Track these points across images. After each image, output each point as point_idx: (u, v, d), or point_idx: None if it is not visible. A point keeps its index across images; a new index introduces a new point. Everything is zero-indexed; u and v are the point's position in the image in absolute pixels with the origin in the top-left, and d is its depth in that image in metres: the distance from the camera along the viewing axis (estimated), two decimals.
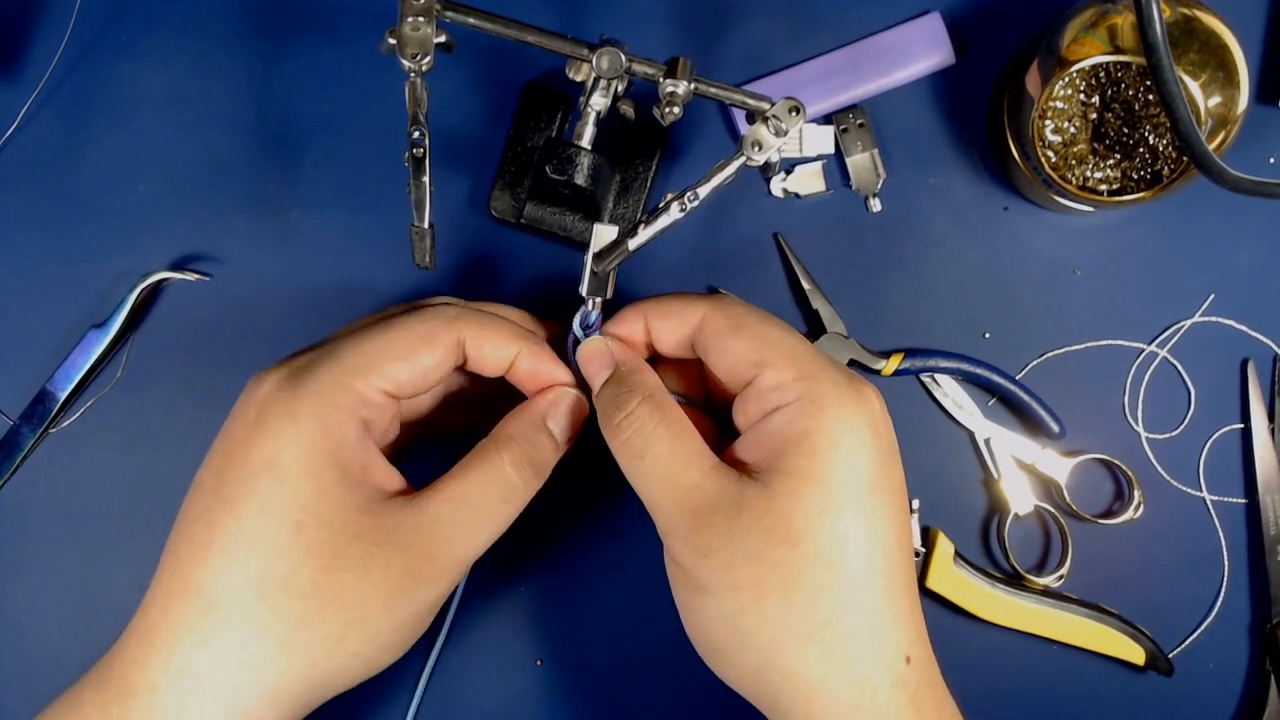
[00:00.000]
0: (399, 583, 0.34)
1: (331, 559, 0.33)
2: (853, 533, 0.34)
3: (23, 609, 0.48)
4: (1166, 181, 0.43)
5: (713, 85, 0.39)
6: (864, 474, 0.35)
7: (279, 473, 0.33)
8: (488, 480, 0.37)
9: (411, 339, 0.36)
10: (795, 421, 0.35)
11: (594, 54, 0.38)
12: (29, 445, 0.48)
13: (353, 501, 0.34)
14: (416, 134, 0.37)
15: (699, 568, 0.34)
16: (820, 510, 0.34)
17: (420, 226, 0.38)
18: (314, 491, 0.33)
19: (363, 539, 0.34)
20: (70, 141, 0.49)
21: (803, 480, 0.34)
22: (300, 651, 0.33)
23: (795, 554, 0.33)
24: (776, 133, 0.38)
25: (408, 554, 0.34)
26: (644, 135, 0.48)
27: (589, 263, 0.39)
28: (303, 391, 0.34)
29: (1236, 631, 0.48)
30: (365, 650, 0.35)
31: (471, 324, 0.38)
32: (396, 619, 0.35)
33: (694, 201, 0.37)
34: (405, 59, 0.36)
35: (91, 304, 0.48)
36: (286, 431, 0.34)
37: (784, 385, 0.35)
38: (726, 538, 0.34)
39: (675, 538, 0.35)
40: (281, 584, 0.33)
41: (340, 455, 0.34)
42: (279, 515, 0.33)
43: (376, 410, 0.36)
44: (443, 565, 0.35)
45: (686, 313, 0.38)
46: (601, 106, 0.40)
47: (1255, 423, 0.48)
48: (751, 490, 0.34)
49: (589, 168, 0.42)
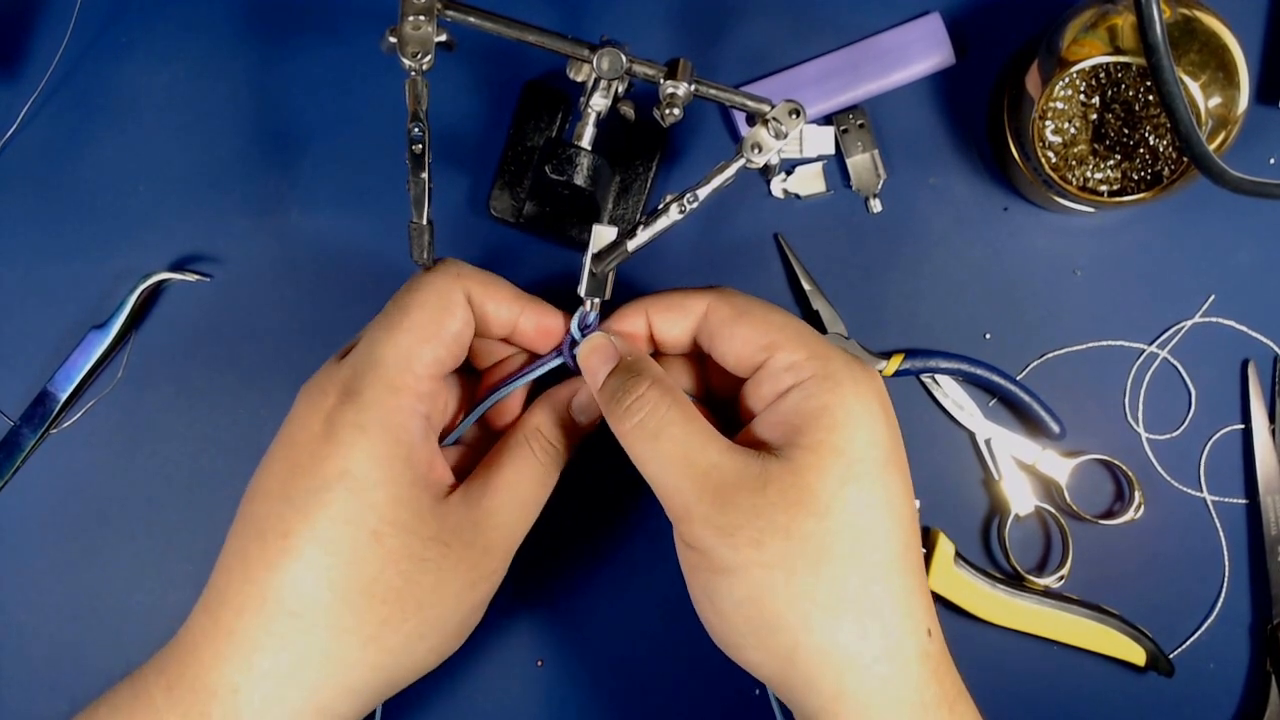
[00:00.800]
0: (468, 578, 0.36)
1: (410, 563, 0.34)
2: (876, 503, 0.34)
3: (23, 609, 0.48)
4: (1166, 182, 0.43)
5: (713, 87, 0.39)
6: (880, 448, 0.35)
7: (352, 483, 0.34)
8: (526, 471, 0.38)
9: (432, 312, 0.37)
10: (813, 397, 0.35)
11: (595, 55, 0.38)
12: (29, 446, 0.48)
13: (425, 505, 0.35)
14: (416, 131, 0.37)
15: (722, 548, 0.34)
16: (844, 481, 0.34)
17: (419, 223, 0.38)
18: (389, 500, 0.34)
19: (437, 540, 0.35)
20: (70, 141, 0.49)
21: (825, 453, 0.34)
22: (384, 651, 0.34)
23: (825, 525, 0.34)
24: (776, 135, 0.38)
25: (473, 550, 0.36)
26: (644, 136, 0.48)
27: (587, 263, 0.39)
28: (364, 401, 0.35)
29: (1237, 632, 0.48)
30: (440, 644, 0.36)
31: (475, 279, 0.39)
32: (463, 612, 0.37)
33: (693, 203, 0.37)
34: (406, 58, 0.37)
35: (91, 304, 0.48)
36: (358, 444, 0.34)
37: (798, 364, 0.36)
38: (753, 514, 0.34)
39: (694, 520, 0.35)
40: (364, 590, 0.34)
41: (410, 459, 0.35)
42: (357, 524, 0.34)
43: (431, 401, 0.37)
44: (500, 557, 0.38)
45: (689, 305, 0.39)
46: (602, 107, 0.40)
47: (1256, 423, 0.48)
48: (775, 466, 0.34)
49: (589, 168, 0.42)
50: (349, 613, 0.34)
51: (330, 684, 0.34)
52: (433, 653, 0.36)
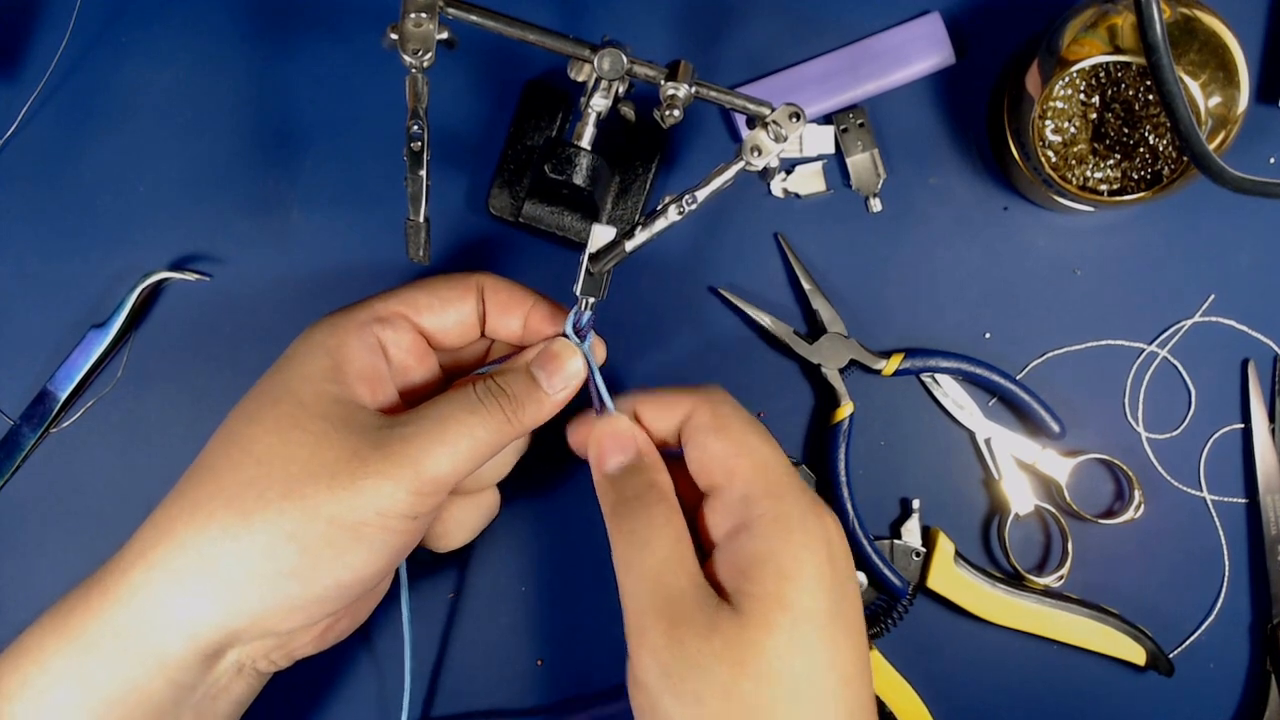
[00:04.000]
0: (347, 465, 0.34)
1: (292, 428, 0.35)
2: (820, 664, 0.34)
3: (23, 609, 0.48)
4: (1166, 181, 0.43)
5: (713, 89, 0.39)
6: (825, 601, 0.34)
7: (282, 364, 0.37)
8: (457, 395, 0.37)
9: (438, 283, 0.40)
10: (761, 539, 0.35)
11: (596, 55, 0.38)
12: (29, 445, 0.48)
13: (332, 390, 0.36)
14: (415, 128, 0.37)
15: (665, 694, 0.34)
16: (788, 642, 0.33)
17: (415, 220, 0.38)
18: (300, 374, 0.37)
19: (326, 419, 0.35)
20: (70, 141, 0.49)
21: (770, 605, 0.33)
22: (253, 518, 0.34)
23: (763, 688, 0.33)
24: (776, 138, 0.38)
25: (362, 440, 0.35)
26: (644, 137, 0.48)
27: (585, 262, 0.39)
28: (334, 315, 0.39)
29: (1237, 631, 0.48)
30: (301, 529, 0.34)
31: (490, 277, 0.41)
32: (342, 503, 0.34)
33: (692, 205, 0.37)
34: (406, 54, 0.36)
35: (91, 304, 0.48)
36: (303, 335, 0.38)
37: (752, 499, 0.35)
38: (695, 661, 0.33)
39: (645, 646, 0.34)
40: (243, 445, 0.36)
41: (339, 352, 0.37)
42: (264, 394, 0.37)
43: (395, 334, 0.39)
44: (395, 461, 0.35)
45: (677, 403, 0.38)
46: (602, 107, 0.40)
47: (1255, 423, 0.48)
48: (724, 613, 0.34)
49: (588, 168, 0.42)
50: (230, 468, 0.35)
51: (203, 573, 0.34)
52: (294, 541, 0.34)
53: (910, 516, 0.48)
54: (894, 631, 0.48)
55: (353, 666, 0.48)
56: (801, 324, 0.49)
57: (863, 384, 0.48)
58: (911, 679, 0.47)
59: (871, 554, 0.47)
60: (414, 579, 0.48)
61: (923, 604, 0.48)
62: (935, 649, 0.48)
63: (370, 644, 0.48)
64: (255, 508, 0.34)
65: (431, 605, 0.48)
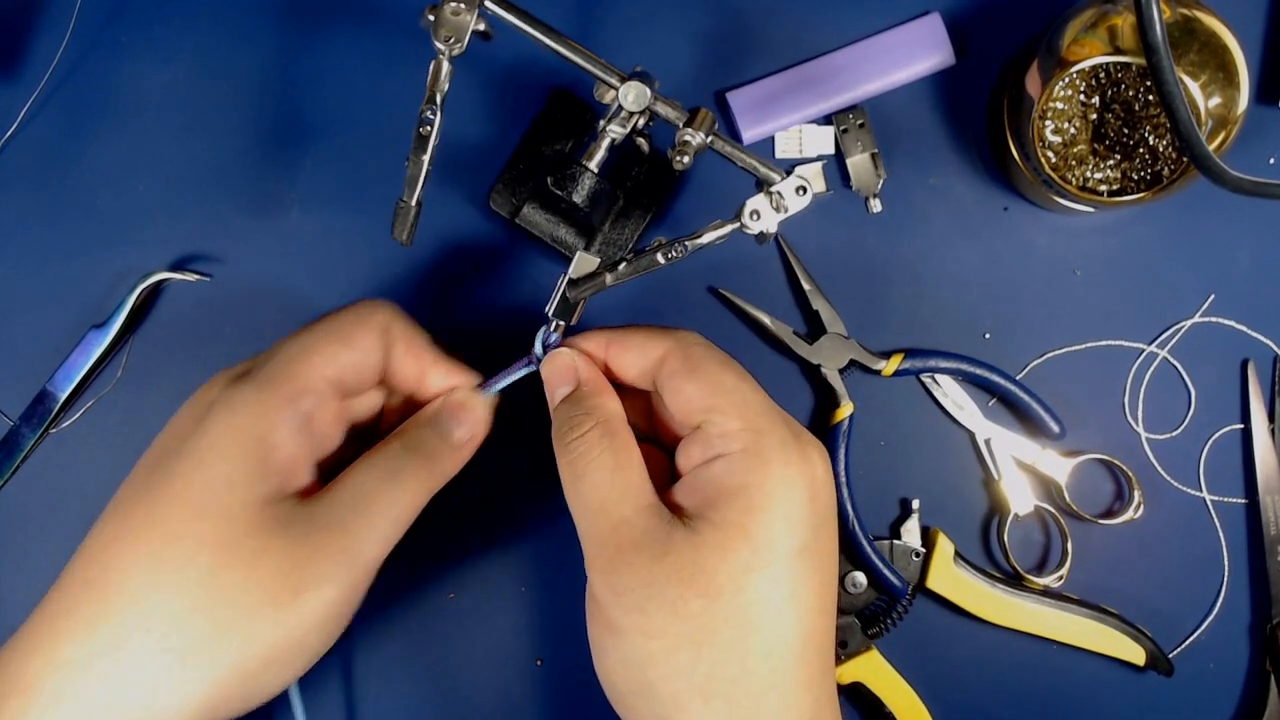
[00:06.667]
0: (287, 581, 0.33)
1: (219, 550, 0.32)
2: (774, 594, 0.33)
3: (23, 610, 0.47)
4: (1166, 182, 0.43)
5: (727, 144, 0.38)
6: (796, 537, 0.34)
7: (199, 457, 0.33)
8: (373, 464, 0.36)
9: (344, 324, 0.37)
10: (735, 474, 0.34)
11: (622, 84, 0.38)
12: (29, 445, 0.48)
13: (260, 492, 0.33)
14: (429, 113, 0.37)
15: (613, 607, 0.34)
16: (745, 569, 0.33)
17: (407, 203, 0.38)
18: (224, 477, 0.33)
19: (258, 532, 0.33)
20: (70, 141, 0.49)
21: (732, 534, 0.33)
22: (187, 657, 0.32)
23: (711, 609, 0.33)
24: (777, 209, 0.37)
25: (298, 548, 0.33)
26: (654, 170, 0.47)
27: (562, 286, 0.38)
28: (246, 382, 0.34)
29: (1236, 631, 0.48)
30: (243, 657, 0.32)
31: (397, 316, 0.38)
32: (285, 624, 0.33)
33: (681, 253, 0.37)
34: (438, 40, 0.36)
35: (91, 304, 0.48)
36: (221, 418, 0.34)
37: (729, 434, 0.35)
38: (645, 580, 0.33)
39: (596, 571, 0.35)
40: (175, 572, 0.32)
41: (267, 441, 0.34)
42: (184, 501, 0.33)
43: (317, 401, 0.35)
44: (334, 559, 0.34)
45: (648, 348, 0.37)
46: (618, 135, 0.40)
47: (1255, 423, 0.48)
48: (679, 536, 0.33)
49: (590, 190, 0.41)
50: (160, 600, 0.32)
51: (136, 689, 0.32)
52: (235, 669, 0.32)
53: (910, 517, 0.48)
54: (893, 632, 0.48)
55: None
56: (801, 324, 0.49)
57: (862, 384, 0.48)
58: (911, 679, 0.47)
59: (871, 554, 0.47)
60: (414, 579, 0.48)
61: (922, 604, 0.48)
62: (935, 649, 0.48)
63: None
64: (189, 647, 0.32)
65: (431, 605, 0.48)
